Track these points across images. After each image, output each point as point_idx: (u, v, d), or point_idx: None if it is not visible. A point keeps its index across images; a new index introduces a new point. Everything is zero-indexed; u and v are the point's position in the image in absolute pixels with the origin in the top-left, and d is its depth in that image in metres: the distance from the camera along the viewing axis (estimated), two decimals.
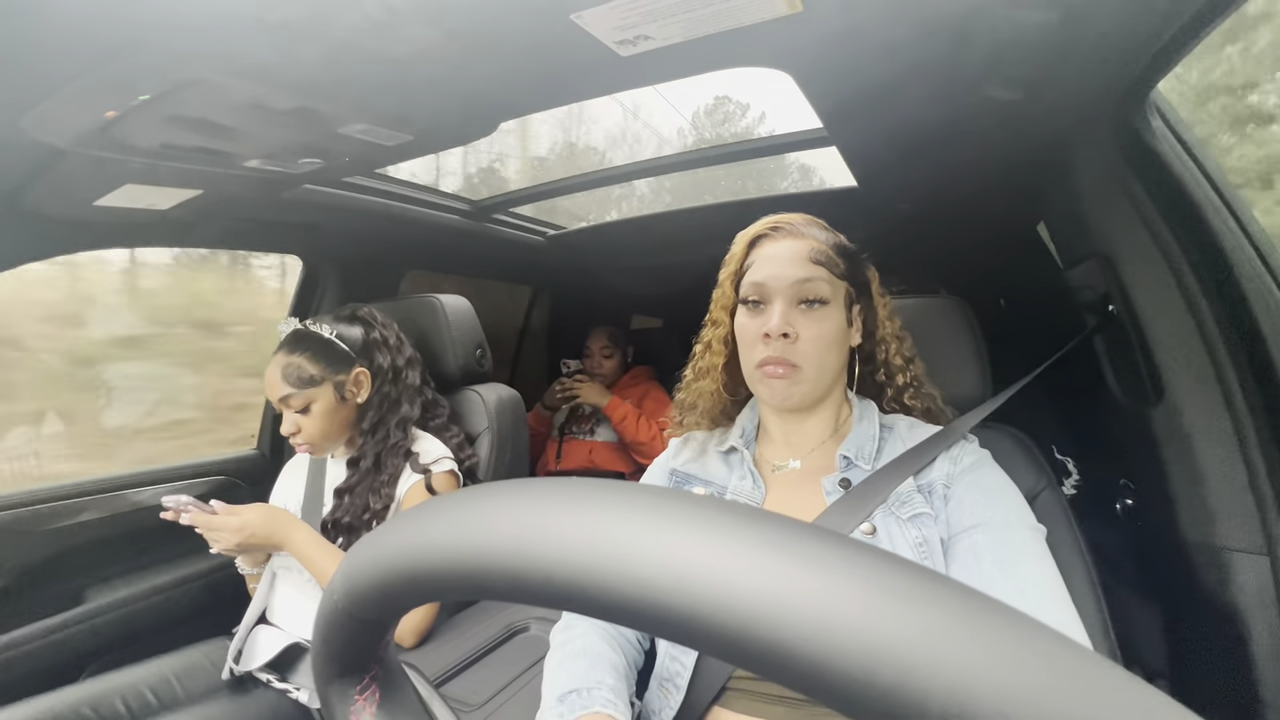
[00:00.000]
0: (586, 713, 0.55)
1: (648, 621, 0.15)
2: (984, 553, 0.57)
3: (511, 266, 2.00)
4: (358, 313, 1.10)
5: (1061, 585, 0.55)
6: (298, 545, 0.94)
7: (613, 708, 0.56)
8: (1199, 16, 0.60)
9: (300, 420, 0.98)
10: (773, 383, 0.67)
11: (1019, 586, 0.54)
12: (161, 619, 1.20)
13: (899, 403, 0.74)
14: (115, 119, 0.66)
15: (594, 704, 0.56)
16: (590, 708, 0.56)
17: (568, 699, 0.57)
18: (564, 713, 0.56)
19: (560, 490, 0.18)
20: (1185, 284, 0.77)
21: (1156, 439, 0.82)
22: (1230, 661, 0.72)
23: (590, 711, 0.55)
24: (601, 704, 0.56)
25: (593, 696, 0.57)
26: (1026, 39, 0.62)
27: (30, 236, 0.96)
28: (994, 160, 1.02)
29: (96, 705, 0.93)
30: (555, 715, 0.56)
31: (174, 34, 0.55)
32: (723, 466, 0.74)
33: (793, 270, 0.67)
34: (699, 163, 1.45)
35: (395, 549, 0.20)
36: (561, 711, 0.56)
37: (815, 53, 0.66)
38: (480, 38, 0.60)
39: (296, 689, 0.97)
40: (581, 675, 0.60)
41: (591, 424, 1.97)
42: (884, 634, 0.13)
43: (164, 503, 0.93)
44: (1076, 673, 0.12)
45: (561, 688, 0.59)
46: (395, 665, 0.27)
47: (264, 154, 0.83)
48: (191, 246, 1.22)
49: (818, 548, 0.14)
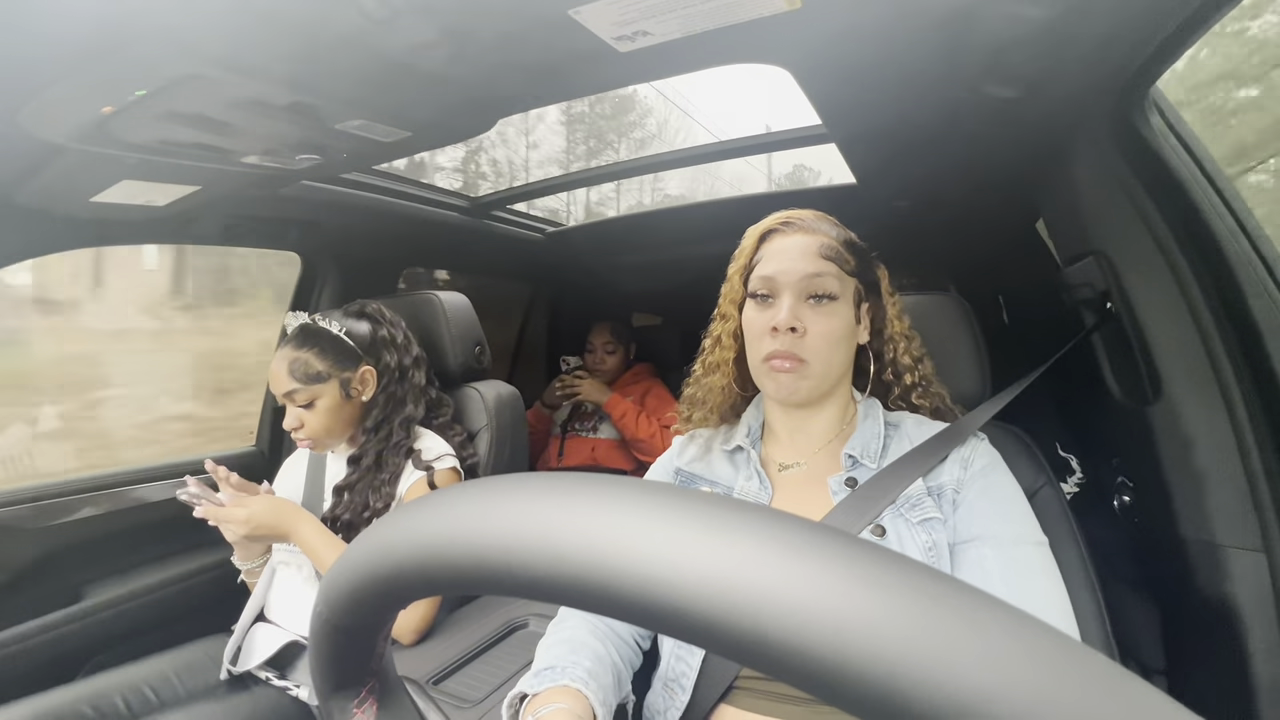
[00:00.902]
0: (555, 685, 0.56)
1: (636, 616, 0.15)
2: (992, 569, 0.58)
3: (510, 263, 2.00)
4: (366, 309, 1.09)
5: (1068, 603, 0.57)
6: (303, 536, 0.95)
7: (583, 684, 0.57)
8: (1198, 12, 0.60)
9: (304, 416, 0.98)
10: (779, 376, 0.66)
11: (1028, 608, 0.54)
12: (161, 616, 1.20)
13: (906, 401, 0.74)
14: (112, 114, 0.66)
15: (564, 679, 0.57)
16: (559, 682, 0.57)
17: (542, 674, 0.59)
18: (535, 684, 0.57)
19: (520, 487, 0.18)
20: (1183, 282, 0.77)
21: (1154, 436, 0.82)
22: (1227, 658, 0.72)
23: (559, 685, 0.56)
24: (571, 679, 0.57)
25: (565, 673, 0.58)
26: (1025, 36, 0.62)
27: (26, 233, 0.96)
28: (993, 157, 1.02)
29: (96, 703, 0.93)
30: (526, 685, 0.58)
31: (171, 29, 0.54)
32: (728, 466, 0.74)
33: (802, 265, 0.67)
34: (700, 159, 1.45)
35: (366, 555, 0.20)
36: (533, 684, 0.58)
37: (814, 49, 0.66)
38: (478, 34, 0.59)
39: (296, 686, 0.97)
40: (560, 656, 0.61)
41: (594, 421, 1.97)
42: (898, 636, 0.13)
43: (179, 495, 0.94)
44: (1082, 673, 0.12)
45: (539, 665, 0.61)
46: (392, 678, 0.27)
47: (261, 150, 0.83)
48: (189, 243, 1.22)
49: (829, 548, 0.14)
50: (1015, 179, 1.09)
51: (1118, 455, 1.03)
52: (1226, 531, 0.73)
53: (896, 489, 0.62)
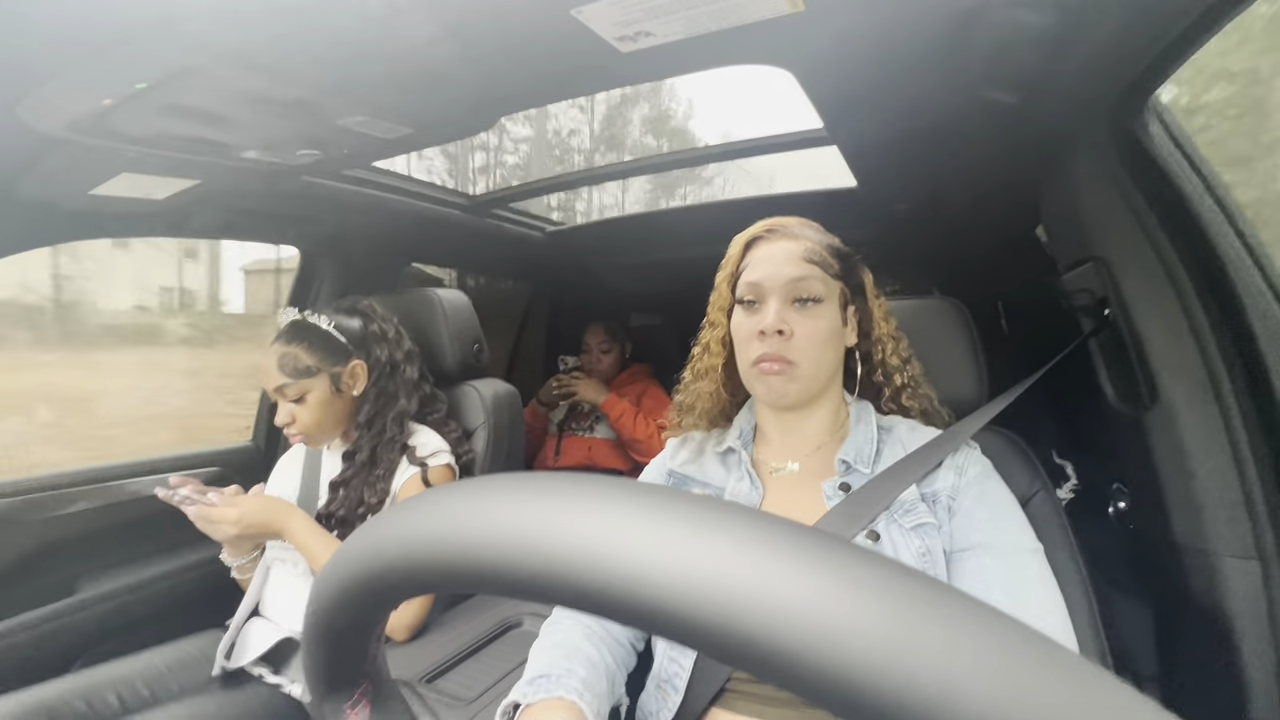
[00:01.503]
0: (550, 696, 0.56)
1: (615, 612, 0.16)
2: (992, 578, 0.59)
3: (510, 262, 2.00)
4: (357, 305, 1.10)
5: (1065, 612, 0.58)
6: (296, 533, 0.94)
7: (578, 695, 0.57)
8: (1199, 22, 0.60)
9: (295, 410, 0.98)
10: (769, 379, 0.67)
11: (1026, 617, 0.55)
12: (155, 610, 1.20)
13: (896, 403, 0.74)
14: (112, 107, 0.66)
15: (558, 689, 0.57)
16: (554, 693, 0.56)
17: (537, 682, 0.58)
18: (530, 694, 0.57)
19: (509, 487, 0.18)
20: (1181, 290, 0.77)
21: (1150, 443, 0.82)
22: (1220, 665, 0.72)
23: (554, 696, 0.56)
24: (566, 690, 0.57)
25: (560, 683, 0.58)
26: (1027, 41, 0.62)
27: (25, 225, 0.96)
28: (993, 162, 1.02)
29: (88, 697, 0.92)
30: (520, 695, 0.57)
31: (171, 22, 0.54)
32: (720, 468, 0.74)
33: (787, 269, 0.68)
34: (700, 160, 1.45)
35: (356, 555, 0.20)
36: (528, 692, 0.57)
37: (817, 51, 0.66)
38: (480, 32, 0.59)
39: (290, 683, 0.97)
40: (555, 663, 0.61)
41: (591, 421, 1.97)
42: (885, 640, 0.13)
43: (162, 490, 0.93)
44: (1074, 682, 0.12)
45: (533, 672, 0.61)
46: (386, 679, 0.28)
47: (262, 145, 0.83)
48: (188, 237, 1.22)
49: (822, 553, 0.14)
50: (1015, 184, 1.09)
51: (1113, 461, 1.04)
52: (1221, 539, 0.73)
53: (891, 494, 0.62)
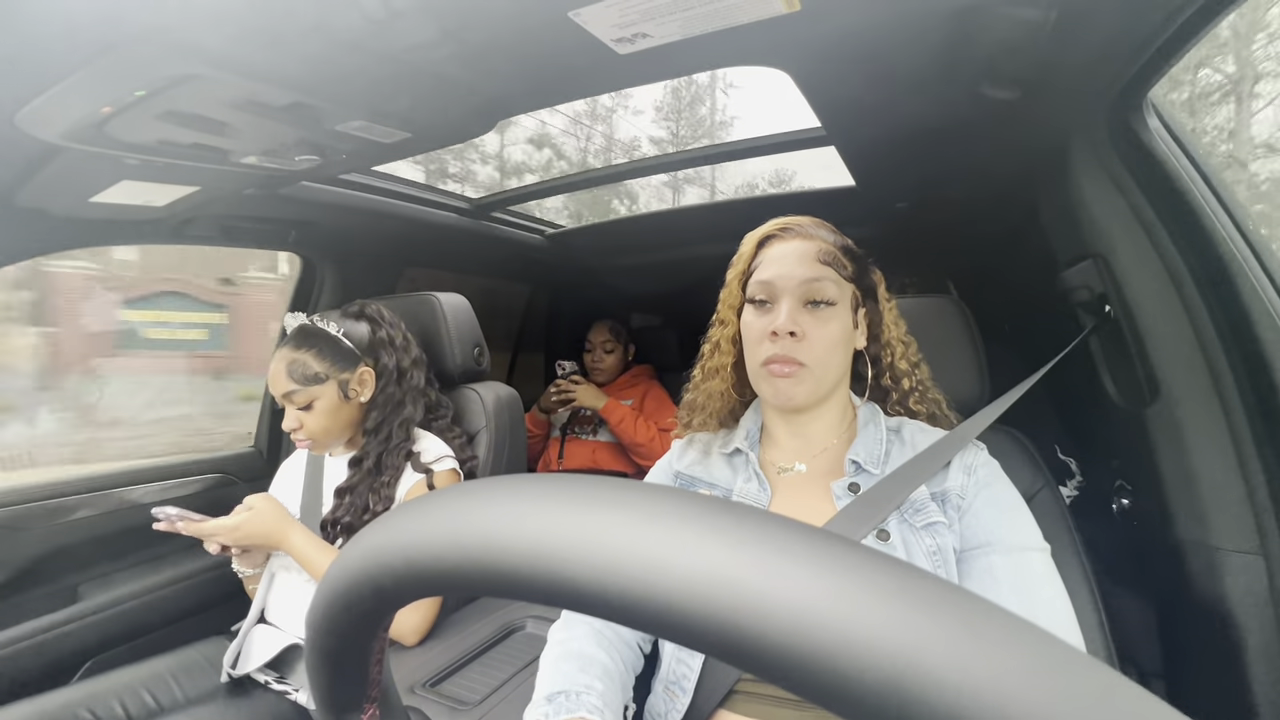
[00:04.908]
0: (571, 717, 0.55)
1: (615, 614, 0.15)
2: (1001, 577, 0.59)
3: (510, 265, 2.00)
4: (365, 310, 1.09)
5: (1072, 610, 0.58)
6: (294, 546, 0.94)
7: (598, 714, 0.56)
8: (1196, 17, 0.60)
9: (302, 417, 0.98)
10: (777, 381, 0.67)
11: (1034, 615, 0.55)
12: (159, 618, 1.20)
13: (904, 406, 0.74)
14: (111, 115, 0.66)
15: (579, 709, 0.56)
16: (575, 712, 0.56)
17: (555, 699, 0.58)
18: (550, 713, 0.56)
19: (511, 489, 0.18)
20: (1181, 285, 0.77)
21: (1152, 440, 0.82)
22: (1224, 661, 0.72)
23: (575, 716, 0.55)
24: (587, 709, 0.56)
25: (580, 701, 0.57)
26: (1024, 38, 0.62)
27: (25, 233, 0.96)
28: (991, 160, 1.03)
29: (93, 706, 0.92)
30: (540, 715, 0.57)
31: (170, 30, 0.54)
32: (727, 469, 0.74)
33: (801, 270, 0.67)
34: (698, 161, 1.45)
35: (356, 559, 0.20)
36: (548, 711, 0.56)
37: (813, 52, 0.66)
38: (478, 35, 0.59)
39: (295, 690, 0.97)
40: (571, 677, 0.60)
41: (594, 424, 1.96)
42: (896, 642, 0.13)
43: (155, 514, 0.93)
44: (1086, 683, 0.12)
45: (550, 688, 0.60)
46: (395, 700, 0.27)
47: (261, 151, 0.83)
48: (188, 244, 1.22)
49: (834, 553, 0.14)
50: (1014, 181, 1.09)
51: (1116, 458, 1.04)
52: (1224, 534, 0.73)
53: (901, 495, 0.62)
